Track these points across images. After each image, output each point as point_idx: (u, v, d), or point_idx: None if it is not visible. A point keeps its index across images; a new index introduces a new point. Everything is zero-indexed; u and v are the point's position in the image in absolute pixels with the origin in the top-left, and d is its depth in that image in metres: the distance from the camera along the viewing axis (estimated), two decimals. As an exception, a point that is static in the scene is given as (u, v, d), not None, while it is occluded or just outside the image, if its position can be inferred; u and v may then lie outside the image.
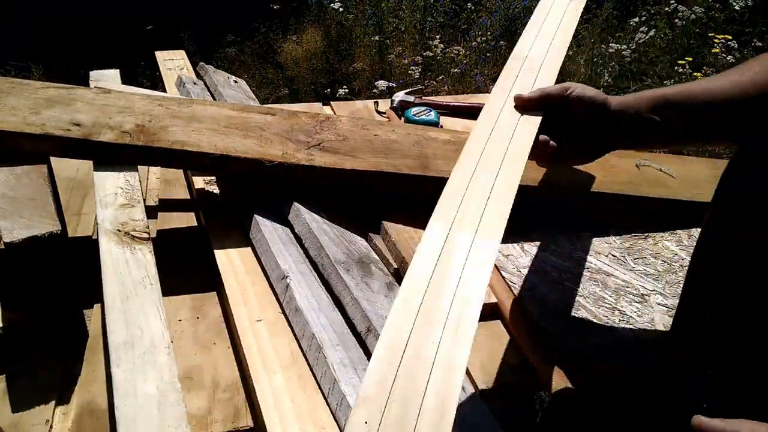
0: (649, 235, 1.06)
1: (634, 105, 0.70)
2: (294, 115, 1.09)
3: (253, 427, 0.69)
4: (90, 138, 0.88)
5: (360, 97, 3.35)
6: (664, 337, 0.81)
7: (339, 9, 3.79)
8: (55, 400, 0.74)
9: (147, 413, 0.55)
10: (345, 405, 0.63)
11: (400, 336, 0.49)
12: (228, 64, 3.59)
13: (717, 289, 0.64)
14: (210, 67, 1.43)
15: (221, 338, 0.81)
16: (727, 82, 0.67)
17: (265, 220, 0.92)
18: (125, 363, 0.59)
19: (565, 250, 1.00)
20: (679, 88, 0.70)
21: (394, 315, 0.50)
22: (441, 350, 0.48)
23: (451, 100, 1.54)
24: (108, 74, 1.34)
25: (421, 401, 0.45)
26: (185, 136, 0.93)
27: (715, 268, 0.65)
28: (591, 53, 3.35)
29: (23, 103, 0.93)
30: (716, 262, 0.65)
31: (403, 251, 0.88)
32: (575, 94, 0.70)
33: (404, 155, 1.03)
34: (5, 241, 0.70)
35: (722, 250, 0.64)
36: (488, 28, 3.67)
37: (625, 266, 0.97)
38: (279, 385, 0.68)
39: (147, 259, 0.74)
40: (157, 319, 0.65)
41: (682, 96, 0.69)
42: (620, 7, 3.69)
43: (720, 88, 0.67)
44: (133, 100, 1.01)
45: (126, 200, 0.82)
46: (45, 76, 3.28)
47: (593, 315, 0.86)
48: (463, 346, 0.48)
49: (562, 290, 0.91)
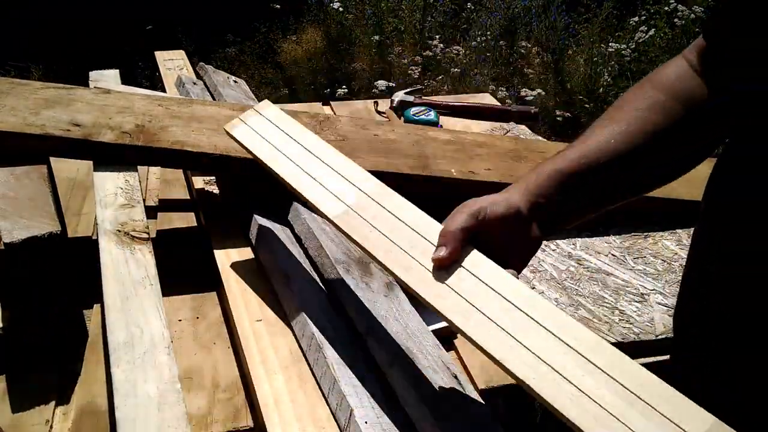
0: (649, 234, 1.06)
1: (543, 193, 0.61)
2: (294, 115, 1.09)
3: (253, 427, 0.69)
4: (90, 138, 0.88)
5: (360, 97, 3.35)
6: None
7: (339, 9, 3.79)
8: (55, 400, 0.74)
9: (147, 413, 0.55)
10: (345, 405, 0.63)
11: None
12: (228, 64, 3.60)
13: (707, 293, 0.63)
14: (210, 67, 1.43)
15: (221, 338, 0.81)
16: (611, 135, 0.62)
17: (265, 220, 0.92)
18: (125, 363, 0.59)
19: (565, 250, 1.00)
20: (573, 154, 0.62)
21: None
22: None
23: (450, 99, 1.54)
24: (108, 74, 1.34)
25: None
26: (185, 136, 0.93)
27: (705, 273, 0.64)
28: (591, 53, 3.35)
29: (23, 104, 0.93)
30: (705, 266, 0.64)
31: (403, 251, 0.88)
32: (488, 218, 0.59)
33: (404, 155, 1.03)
34: (5, 241, 0.70)
35: (711, 255, 0.63)
36: (488, 28, 3.67)
37: (625, 266, 0.97)
38: (279, 385, 0.68)
39: (147, 259, 0.74)
40: (157, 319, 0.65)
41: (580, 166, 0.61)
42: (620, 7, 3.69)
43: (612, 147, 0.61)
44: (132, 101, 1.01)
45: (126, 200, 0.82)
46: (45, 76, 3.28)
47: (593, 314, 0.86)
48: None
49: (562, 289, 0.91)
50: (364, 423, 0.60)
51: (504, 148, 1.13)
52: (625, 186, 0.65)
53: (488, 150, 1.11)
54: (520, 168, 1.04)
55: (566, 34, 3.64)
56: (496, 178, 1.02)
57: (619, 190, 0.65)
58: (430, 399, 0.63)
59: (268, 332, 0.76)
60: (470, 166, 1.04)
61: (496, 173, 1.03)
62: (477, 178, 1.01)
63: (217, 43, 3.82)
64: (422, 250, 0.59)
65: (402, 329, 0.74)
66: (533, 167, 0.63)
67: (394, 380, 0.66)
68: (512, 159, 1.09)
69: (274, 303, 0.81)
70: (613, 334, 0.83)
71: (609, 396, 0.47)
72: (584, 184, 0.62)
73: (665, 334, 0.84)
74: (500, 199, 0.60)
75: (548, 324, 0.52)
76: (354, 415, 0.61)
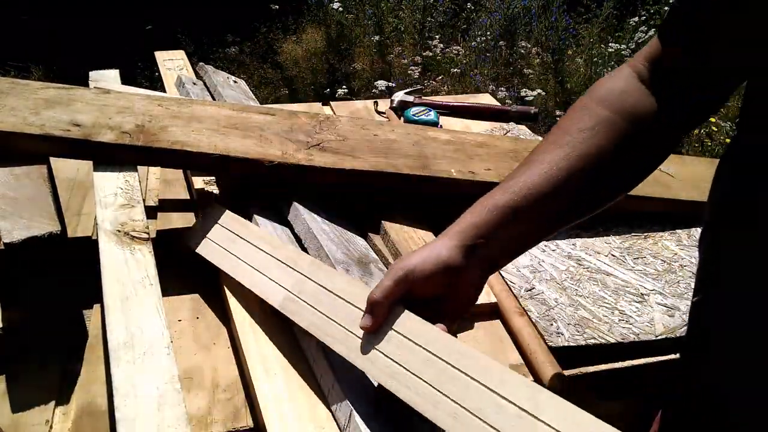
0: (649, 234, 1.06)
1: (482, 234, 0.59)
2: (293, 115, 1.09)
3: (253, 427, 0.69)
4: (90, 138, 0.88)
5: (359, 97, 3.35)
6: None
7: (339, 9, 3.79)
8: (55, 400, 0.74)
9: (147, 413, 0.55)
10: (344, 405, 0.63)
11: None
12: (228, 65, 3.60)
13: (710, 295, 0.62)
14: (209, 67, 1.43)
15: (221, 338, 0.81)
16: (554, 162, 0.60)
17: (265, 220, 0.92)
18: (125, 363, 0.59)
19: (565, 250, 1.00)
20: (516, 186, 0.60)
21: None
22: None
23: (450, 99, 1.54)
24: (108, 74, 1.34)
25: None
26: (185, 136, 0.93)
27: (708, 275, 0.63)
28: (590, 53, 3.36)
29: (23, 104, 0.93)
30: (708, 268, 0.64)
31: (403, 251, 0.88)
32: (416, 278, 0.58)
33: (404, 155, 1.03)
34: (5, 241, 0.70)
35: (714, 255, 0.62)
36: (488, 28, 3.67)
37: (625, 266, 0.97)
38: (279, 385, 0.68)
39: (147, 259, 0.74)
40: (157, 319, 0.65)
41: (526, 198, 0.59)
42: (620, 7, 3.69)
43: (556, 175, 0.59)
44: (132, 101, 1.01)
45: (126, 200, 0.82)
46: (45, 76, 3.28)
47: (593, 315, 0.87)
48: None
49: (562, 290, 0.91)
50: (363, 423, 0.60)
51: (504, 149, 1.13)
52: (574, 210, 0.63)
53: (488, 150, 1.11)
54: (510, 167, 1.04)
55: (566, 34, 3.64)
56: (495, 178, 1.02)
57: (566, 216, 0.63)
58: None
59: (268, 332, 0.76)
60: (470, 166, 1.04)
61: (496, 173, 1.03)
62: (477, 178, 1.01)
63: (217, 43, 3.82)
64: (353, 319, 0.62)
65: (402, 329, 0.74)
66: (470, 208, 0.61)
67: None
68: (512, 159, 1.09)
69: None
70: (612, 334, 0.83)
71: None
72: (530, 215, 0.60)
73: (665, 335, 0.84)
74: (430, 256, 0.58)
75: (471, 371, 0.53)
76: (353, 415, 0.61)
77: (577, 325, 0.84)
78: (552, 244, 1.01)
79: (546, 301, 0.88)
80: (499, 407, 0.49)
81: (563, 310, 0.87)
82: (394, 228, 0.94)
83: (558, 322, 0.84)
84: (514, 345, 0.83)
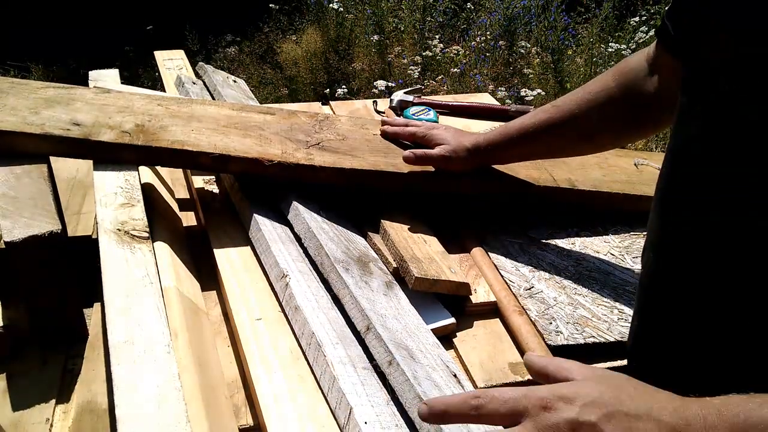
0: (648, 234, 1.06)
1: (489, 139, 0.95)
2: (293, 114, 1.09)
3: (253, 426, 0.69)
4: (90, 138, 0.88)
5: (359, 96, 3.36)
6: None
7: (338, 9, 3.79)
8: (55, 399, 0.74)
9: (147, 412, 0.55)
10: (344, 403, 0.63)
11: None
12: (227, 64, 3.60)
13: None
14: (209, 66, 1.43)
15: (221, 338, 0.81)
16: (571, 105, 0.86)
17: (265, 219, 0.92)
18: (125, 362, 0.59)
19: (564, 249, 1.00)
20: (529, 120, 0.91)
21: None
22: None
23: (450, 99, 1.54)
24: (107, 74, 1.34)
25: None
26: (185, 135, 0.93)
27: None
28: (590, 53, 3.36)
29: (23, 103, 0.93)
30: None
31: (402, 250, 0.88)
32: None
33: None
34: (5, 240, 0.70)
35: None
36: (487, 28, 3.67)
37: (624, 265, 0.98)
38: (279, 384, 0.68)
39: (147, 257, 0.74)
40: (157, 317, 0.65)
41: (524, 130, 0.91)
42: (620, 7, 3.69)
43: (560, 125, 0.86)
44: (132, 100, 1.01)
45: (126, 199, 0.82)
46: (45, 76, 3.29)
47: (592, 313, 0.87)
48: None
49: (561, 289, 0.91)
50: (363, 422, 0.61)
51: (503, 148, 1.13)
52: (548, 153, 0.97)
53: (487, 149, 1.11)
54: (519, 167, 1.04)
55: (566, 34, 3.64)
56: (495, 176, 1.02)
57: (547, 153, 0.98)
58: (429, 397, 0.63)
59: (268, 331, 0.76)
60: (469, 166, 1.04)
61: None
62: (476, 177, 1.01)
63: (217, 43, 3.82)
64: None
65: (401, 328, 0.74)
66: (494, 131, 0.96)
67: (394, 379, 0.67)
68: (511, 158, 1.09)
69: (273, 302, 0.81)
70: (611, 333, 0.84)
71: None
72: (521, 150, 0.94)
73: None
74: (460, 141, 0.99)
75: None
76: (353, 413, 0.61)
77: (576, 323, 0.84)
78: (551, 243, 1.01)
79: (545, 300, 0.88)
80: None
81: (562, 308, 0.87)
82: (394, 227, 0.94)
83: (557, 320, 0.85)
84: (513, 343, 0.83)
